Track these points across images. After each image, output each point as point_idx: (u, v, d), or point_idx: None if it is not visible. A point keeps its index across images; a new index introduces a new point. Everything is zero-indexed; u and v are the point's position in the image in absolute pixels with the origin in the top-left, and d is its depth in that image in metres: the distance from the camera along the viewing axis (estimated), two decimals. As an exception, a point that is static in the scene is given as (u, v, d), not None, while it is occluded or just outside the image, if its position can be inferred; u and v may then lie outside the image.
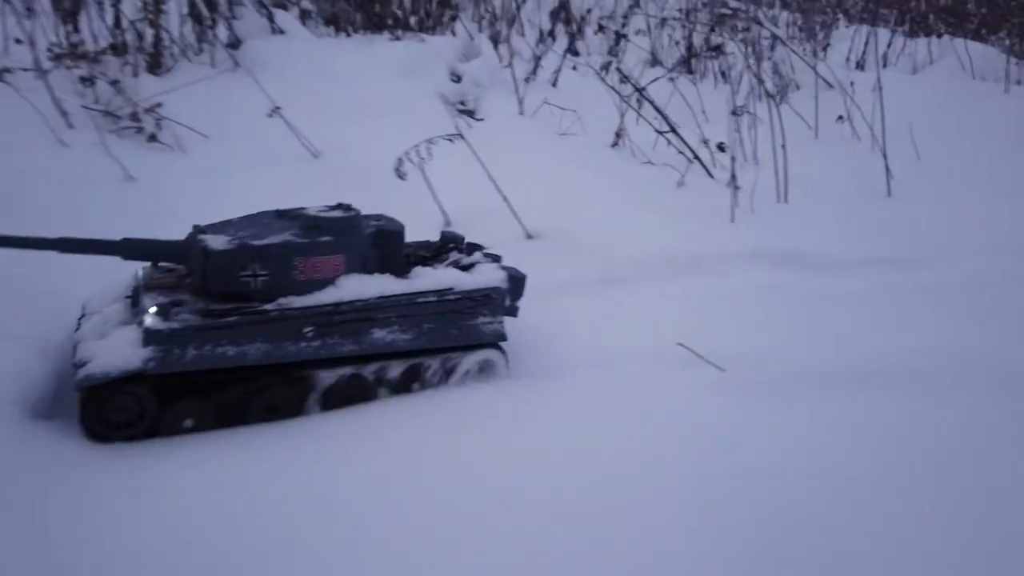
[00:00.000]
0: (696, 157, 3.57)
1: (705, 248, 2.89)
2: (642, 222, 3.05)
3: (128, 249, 1.99)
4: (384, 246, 2.07)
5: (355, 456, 1.76)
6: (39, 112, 3.05)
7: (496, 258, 2.28)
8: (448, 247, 2.33)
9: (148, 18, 3.65)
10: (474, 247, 2.33)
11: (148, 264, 2.08)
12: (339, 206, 2.10)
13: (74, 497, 1.54)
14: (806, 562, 1.49)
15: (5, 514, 1.47)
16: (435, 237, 3.14)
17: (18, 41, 3.68)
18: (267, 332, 1.86)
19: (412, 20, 4.49)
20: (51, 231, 2.05)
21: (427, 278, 2.09)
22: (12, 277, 2.16)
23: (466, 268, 2.19)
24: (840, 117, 4.52)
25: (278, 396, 1.92)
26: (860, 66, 5.76)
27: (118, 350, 1.78)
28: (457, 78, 4.11)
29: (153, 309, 1.82)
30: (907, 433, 1.94)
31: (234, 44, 4.05)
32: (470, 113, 4.02)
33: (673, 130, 3.66)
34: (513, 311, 2.23)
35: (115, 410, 1.79)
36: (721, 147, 3.37)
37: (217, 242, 1.90)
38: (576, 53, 5.16)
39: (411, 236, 3.11)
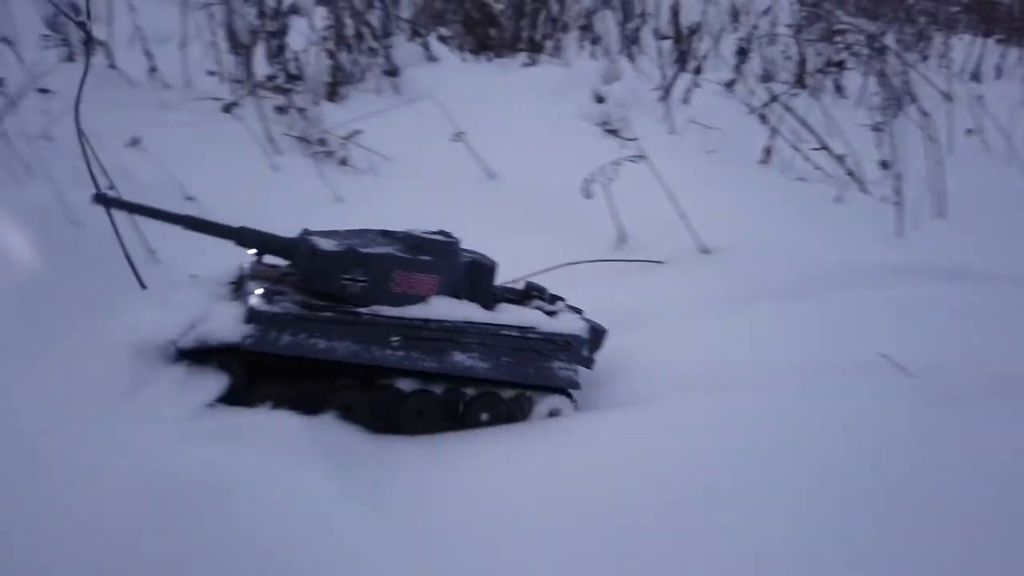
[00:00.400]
0: (850, 173, 3.72)
1: (876, 262, 3.04)
2: (809, 237, 3.22)
3: (243, 236, 2.11)
4: (476, 277, 2.17)
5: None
6: (256, 140, 3.38)
7: (578, 310, 2.37)
8: (532, 295, 2.40)
9: (327, 50, 3.97)
10: (556, 298, 2.41)
11: (254, 257, 2.19)
12: (440, 232, 2.20)
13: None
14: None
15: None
16: (610, 254, 3.38)
17: (211, 73, 4.05)
18: (357, 334, 1.97)
19: (548, 44, 4.73)
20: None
21: (512, 314, 2.17)
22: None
23: (549, 314, 2.27)
24: (969, 130, 4.61)
25: (354, 398, 2.01)
26: (976, 77, 5.81)
27: (218, 321, 1.90)
28: (600, 99, 4.34)
29: (259, 291, 1.95)
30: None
31: (392, 72, 4.36)
32: (614, 132, 4.25)
33: (825, 147, 3.81)
34: (589, 362, 2.28)
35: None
36: (885, 164, 3.52)
37: (325, 243, 2.01)
38: (698, 71, 5.34)
39: (590, 251, 3.36)
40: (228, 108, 3.32)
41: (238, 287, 2.13)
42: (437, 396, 2.09)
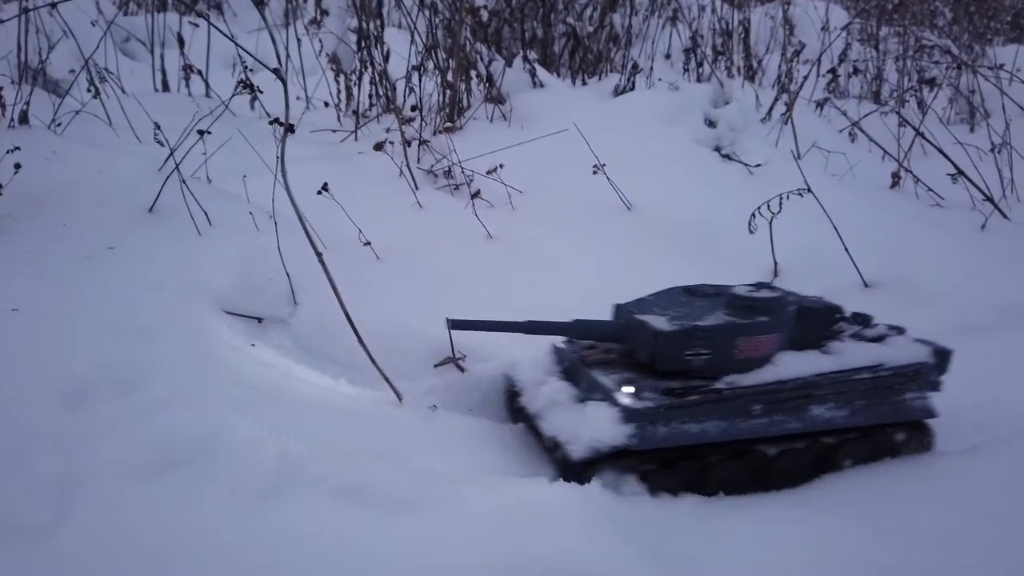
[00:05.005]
0: (988, 198, 3.66)
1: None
2: (971, 268, 3.15)
3: (577, 330, 2.16)
4: (805, 323, 2.14)
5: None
6: (395, 177, 3.28)
7: (900, 330, 2.28)
8: (835, 318, 2.29)
9: (446, 82, 3.88)
10: (861, 316, 2.32)
11: (561, 340, 2.24)
12: (761, 285, 2.19)
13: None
14: None
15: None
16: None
17: (327, 104, 3.95)
18: (721, 410, 1.98)
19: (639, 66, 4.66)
20: (441, 290, 2.46)
21: (856, 354, 2.12)
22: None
23: (875, 340, 2.21)
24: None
25: (729, 472, 2.01)
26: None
27: (598, 426, 1.90)
28: (711, 124, 4.27)
29: (629, 389, 1.96)
30: None
31: (499, 100, 4.27)
32: (727, 156, 4.18)
33: (961, 172, 3.76)
34: (937, 386, 2.22)
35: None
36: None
37: (660, 323, 2.03)
38: (783, 90, 5.30)
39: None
40: (380, 146, 3.22)
41: (572, 376, 2.15)
42: (801, 452, 2.07)
